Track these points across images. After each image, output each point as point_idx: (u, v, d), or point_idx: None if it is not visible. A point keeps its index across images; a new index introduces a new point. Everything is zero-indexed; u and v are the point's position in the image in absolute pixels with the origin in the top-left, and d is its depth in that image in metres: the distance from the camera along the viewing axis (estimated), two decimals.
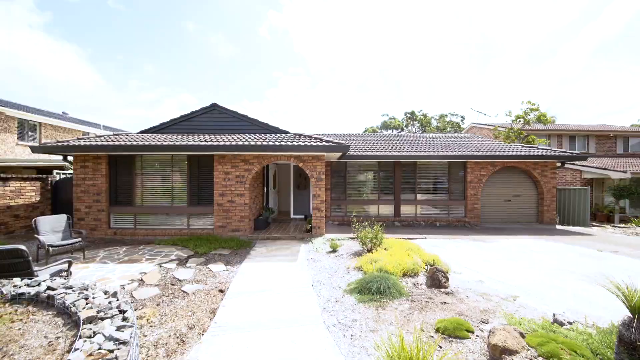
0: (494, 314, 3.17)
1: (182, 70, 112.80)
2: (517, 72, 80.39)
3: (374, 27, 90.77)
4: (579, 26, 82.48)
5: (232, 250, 6.26)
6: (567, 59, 76.80)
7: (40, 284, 2.95)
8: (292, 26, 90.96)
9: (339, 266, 5.12)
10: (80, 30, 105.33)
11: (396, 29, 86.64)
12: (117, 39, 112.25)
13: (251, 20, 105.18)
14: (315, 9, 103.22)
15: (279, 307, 3.47)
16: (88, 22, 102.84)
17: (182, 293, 4.00)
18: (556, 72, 74.93)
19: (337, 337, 2.77)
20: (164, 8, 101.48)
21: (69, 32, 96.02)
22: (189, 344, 2.78)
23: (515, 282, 4.38)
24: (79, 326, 2.27)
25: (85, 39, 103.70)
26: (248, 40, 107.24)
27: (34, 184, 8.60)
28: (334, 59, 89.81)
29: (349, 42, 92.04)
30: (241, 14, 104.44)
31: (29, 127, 17.41)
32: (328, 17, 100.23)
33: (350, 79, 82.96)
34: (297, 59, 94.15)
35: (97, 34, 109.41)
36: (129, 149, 7.23)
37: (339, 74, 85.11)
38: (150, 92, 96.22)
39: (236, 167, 7.62)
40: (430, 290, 3.84)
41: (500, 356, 2.20)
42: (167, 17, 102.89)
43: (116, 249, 6.49)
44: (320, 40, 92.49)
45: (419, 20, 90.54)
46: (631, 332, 1.90)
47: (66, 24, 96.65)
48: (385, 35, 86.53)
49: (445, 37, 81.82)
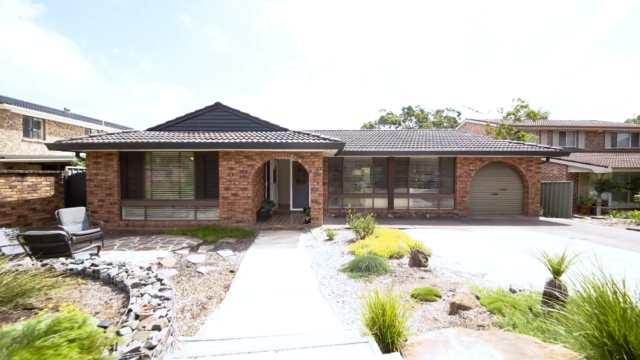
0: (462, 285, 3.80)
1: (178, 65, 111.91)
2: (515, 66, 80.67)
3: (372, 21, 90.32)
4: (577, 20, 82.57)
5: (237, 239, 6.87)
6: (565, 53, 77.12)
7: (83, 262, 3.55)
8: (290, 18, 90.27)
9: (335, 251, 5.75)
10: (74, 23, 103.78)
11: (395, 22, 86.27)
12: (112, 32, 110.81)
13: (248, 11, 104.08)
14: (313, 0, 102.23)
15: (282, 283, 4.09)
16: (82, 14, 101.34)
17: (198, 273, 4.61)
18: (554, 66, 75.34)
19: (331, 303, 3.40)
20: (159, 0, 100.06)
21: (62, 25, 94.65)
22: (209, 309, 3.39)
23: (488, 263, 5.02)
24: (126, 291, 2.88)
25: (79, 32, 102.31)
26: (245, 33, 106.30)
27: (48, 179, 9.12)
28: (332, 52, 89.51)
29: (348, 36, 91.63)
30: (238, 5, 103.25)
31: (33, 124, 17.78)
32: (326, 9, 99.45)
33: (349, 73, 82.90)
34: (295, 52, 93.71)
35: (92, 27, 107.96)
36: (140, 146, 7.76)
37: (338, 68, 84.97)
38: (145, 86, 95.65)
39: (240, 163, 8.18)
40: (411, 268, 4.48)
41: (457, 311, 2.83)
42: (162, 9, 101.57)
43: (130, 239, 7.08)
44: (319, 33, 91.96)
45: (417, 14, 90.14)
46: (551, 288, 2.52)
47: (60, 17, 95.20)
48: (384, 29, 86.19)
49: (444, 32, 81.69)
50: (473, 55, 77.55)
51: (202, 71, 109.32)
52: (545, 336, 2.05)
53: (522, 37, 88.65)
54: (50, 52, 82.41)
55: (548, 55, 76.46)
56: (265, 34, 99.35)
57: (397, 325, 2.14)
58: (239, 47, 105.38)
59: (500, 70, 79.24)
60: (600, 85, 73.21)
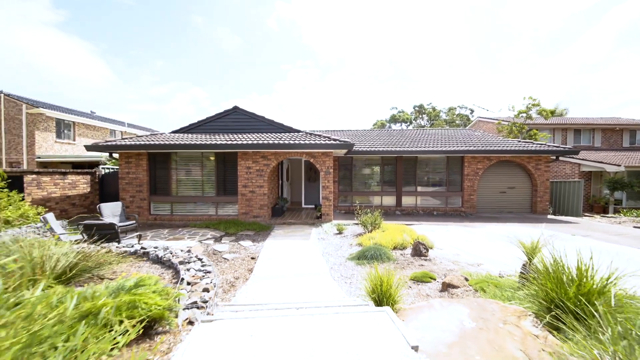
0: (456, 272, 4.27)
1: (192, 65, 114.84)
2: (534, 60, 78.19)
3: (384, 17, 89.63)
4: (600, 11, 78.95)
5: (255, 232, 7.54)
6: (589, 45, 73.97)
7: (134, 246, 4.26)
8: (301, 16, 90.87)
9: (344, 243, 6.31)
10: (93, 27, 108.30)
11: (407, 18, 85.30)
12: (128, 35, 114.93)
13: (259, 11, 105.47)
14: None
15: (297, 268, 4.69)
16: (101, 18, 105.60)
17: (224, 259, 5.28)
18: (578, 59, 72.39)
19: (340, 283, 3.96)
20: (172, 2, 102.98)
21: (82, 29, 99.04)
22: (237, 286, 4.03)
23: (486, 255, 5.45)
24: (173, 267, 3.55)
25: (98, 36, 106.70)
26: (256, 32, 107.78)
27: (85, 177, 10.12)
28: (343, 50, 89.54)
29: (359, 33, 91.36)
30: (249, 5, 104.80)
31: (64, 126, 19.17)
32: (337, 7, 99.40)
33: (360, 70, 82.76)
34: (306, 50, 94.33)
35: (109, 31, 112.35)
36: (168, 147, 8.56)
37: (349, 65, 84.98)
38: (161, 86, 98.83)
39: (256, 162, 8.85)
40: (413, 258, 4.98)
41: (446, 289, 3.34)
42: (176, 11, 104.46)
43: (160, 231, 7.88)
44: (330, 31, 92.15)
45: (430, 8, 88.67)
46: (524, 268, 2.98)
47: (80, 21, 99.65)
48: (395, 26, 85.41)
49: (457, 27, 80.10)
50: (489, 50, 75.74)
51: (214, 71, 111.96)
52: (511, 302, 2.54)
53: (543, 28, 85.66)
54: (71, 56, 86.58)
55: (570, 47, 73.60)
56: (276, 33, 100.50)
57: (392, 294, 2.68)
58: (250, 46, 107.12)
59: (518, 65, 77.03)
60: (625, 78, 69.75)
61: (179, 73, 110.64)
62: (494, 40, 76.21)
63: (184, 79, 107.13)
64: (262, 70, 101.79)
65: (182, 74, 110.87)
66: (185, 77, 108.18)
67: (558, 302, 1.88)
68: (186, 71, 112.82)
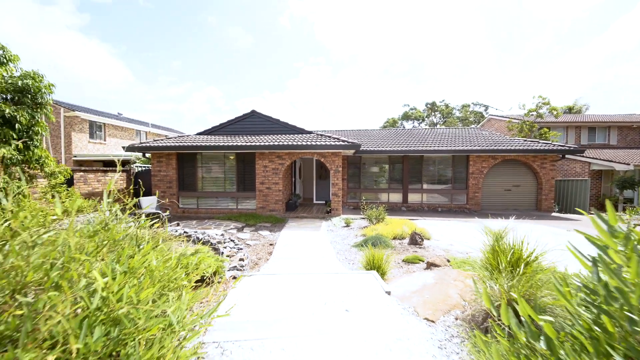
0: (443, 256, 5.00)
1: (207, 65, 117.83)
2: (556, 52, 75.24)
3: (397, 12, 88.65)
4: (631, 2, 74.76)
5: (272, 224, 8.49)
6: (616, 37, 70.41)
7: (177, 230, 5.26)
8: (313, 13, 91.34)
9: (350, 234, 7.13)
10: (113, 30, 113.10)
11: (420, 12, 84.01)
12: (146, 36, 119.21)
13: (272, 9, 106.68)
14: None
15: (309, 252, 5.56)
16: (120, 21, 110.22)
17: (247, 245, 6.22)
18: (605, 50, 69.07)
19: (344, 263, 4.80)
20: (188, 3, 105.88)
21: (103, 32, 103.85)
22: (260, 264, 4.94)
23: (476, 245, 6.09)
24: (212, 246, 4.49)
25: (117, 38, 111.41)
26: (269, 31, 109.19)
27: (122, 174, 11.41)
28: (355, 46, 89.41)
29: (371, 29, 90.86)
30: (262, 3, 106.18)
31: (96, 128, 20.91)
32: (350, 2, 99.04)
33: (373, 66, 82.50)
34: (318, 47, 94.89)
35: (128, 33, 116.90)
36: (195, 149, 9.63)
37: (361, 61, 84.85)
38: (177, 86, 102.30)
39: (272, 162, 9.79)
40: (409, 246, 5.73)
41: (429, 267, 4.10)
42: (191, 12, 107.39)
43: (189, 222, 8.96)
44: (342, 27, 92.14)
45: (445, 2, 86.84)
46: None
47: (101, 25, 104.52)
48: (408, 21, 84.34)
49: (475, 20, 78.15)
50: (507, 43, 73.57)
51: (228, 70, 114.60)
52: (467, 270, 3.28)
53: (567, 18, 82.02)
54: (93, 58, 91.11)
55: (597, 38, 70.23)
56: (288, 31, 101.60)
57: (381, 266, 3.49)
58: (263, 45, 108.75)
59: (537, 59, 74.39)
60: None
61: (194, 73, 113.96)
62: (513, 32, 73.90)
63: (200, 78, 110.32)
64: (275, 68, 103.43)
65: (198, 73, 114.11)
66: (200, 77, 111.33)
67: (496, 267, 2.61)
68: (201, 71, 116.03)
